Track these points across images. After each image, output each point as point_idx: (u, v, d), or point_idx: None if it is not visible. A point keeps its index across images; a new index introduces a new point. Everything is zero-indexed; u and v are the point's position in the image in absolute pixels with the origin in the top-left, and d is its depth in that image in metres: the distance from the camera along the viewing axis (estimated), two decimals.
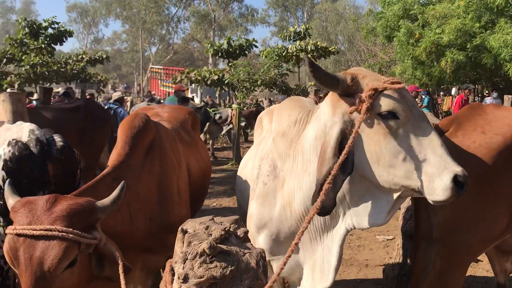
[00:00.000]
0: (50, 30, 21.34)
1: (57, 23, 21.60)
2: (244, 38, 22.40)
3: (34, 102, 11.18)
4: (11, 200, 1.91)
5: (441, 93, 21.80)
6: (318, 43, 22.75)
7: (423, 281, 2.59)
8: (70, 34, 22.29)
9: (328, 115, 2.11)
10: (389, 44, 18.89)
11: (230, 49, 21.70)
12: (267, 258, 2.50)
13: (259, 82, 17.95)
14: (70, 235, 1.76)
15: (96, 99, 15.77)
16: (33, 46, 20.03)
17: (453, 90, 18.56)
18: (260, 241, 2.51)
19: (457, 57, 15.21)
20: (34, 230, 1.75)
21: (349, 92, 2.02)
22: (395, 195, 2.03)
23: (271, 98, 24.88)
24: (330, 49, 22.77)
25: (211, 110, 12.78)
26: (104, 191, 2.06)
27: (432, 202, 1.94)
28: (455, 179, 1.86)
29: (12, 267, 1.81)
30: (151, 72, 34.86)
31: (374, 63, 20.26)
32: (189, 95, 20.45)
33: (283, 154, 2.35)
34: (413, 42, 16.06)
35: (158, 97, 24.78)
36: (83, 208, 1.87)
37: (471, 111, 2.63)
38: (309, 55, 22.56)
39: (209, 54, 25.92)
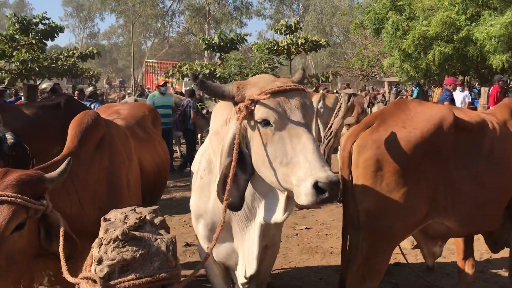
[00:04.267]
0: (40, 26, 21.48)
1: (48, 19, 21.72)
2: (235, 32, 22.50)
3: (23, 98, 11.36)
4: None
5: (432, 85, 22.01)
6: (309, 36, 22.87)
7: (353, 265, 2.81)
8: (61, 29, 22.39)
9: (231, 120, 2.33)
10: (378, 37, 19.00)
11: (222, 43, 21.85)
12: (206, 246, 2.73)
13: (250, 76, 18.08)
14: (19, 200, 1.99)
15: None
16: (24, 42, 20.17)
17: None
18: (199, 229, 2.72)
19: (443, 50, 15.37)
20: None
21: (238, 100, 2.18)
22: (285, 195, 2.19)
23: None
24: (320, 42, 22.91)
25: (198, 105, 12.96)
26: None
27: (300, 205, 2.04)
28: (316, 185, 1.93)
29: None
30: (146, 66, 34.91)
31: (363, 56, 20.41)
32: (183, 90, 20.57)
33: (216, 151, 2.55)
34: (401, 35, 16.21)
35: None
36: (31, 178, 2.11)
37: (395, 107, 2.83)
38: (300, 48, 22.77)
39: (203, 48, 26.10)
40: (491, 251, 3.57)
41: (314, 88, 19.11)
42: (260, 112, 2.10)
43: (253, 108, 2.11)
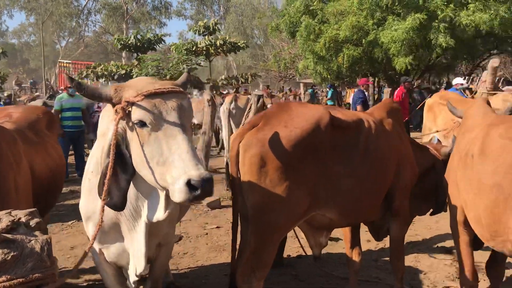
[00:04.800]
0: None
1: None
2: (153, 33, 22.19)
3: None
4: None
5: (346, 86, 23.11)
6: (228, 37, 23.09)
7: (243, 258, 2.96)
8: None
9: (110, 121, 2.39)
10: (294, 40, 19.62)
11: (138, 43, 21.45)
12: (97, 247, 2.75)
13: (168, 77, 17.91)
14: None
15: None
16: None
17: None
18: (89, 230, 2.74)
19: (352, 52, 16.22)
20: None
21: (116, 102, 2.26)
22: (164, 193, 2.28)
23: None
24: (239, 44, 23.20)
25: None
26: None
27: (177, 202, 2.15)
28: (189, 182, 2.02)
29: None
30: (60, 67, 33.35)
31: (280, 59, 20.96)
32: None
33: (102, 153, 2.58)
34: (314, 38, 16.87)
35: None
36: None
37: (279, 108, 3.02)
38: (219, 50, 22.92)
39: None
40: (375, 239, 3.89)
41: (235, 89, 19.33)
42: (136, 114, 2.17)
43: (130, 109, 2.18)
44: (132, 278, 2.70)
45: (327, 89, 20.03)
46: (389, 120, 3.50)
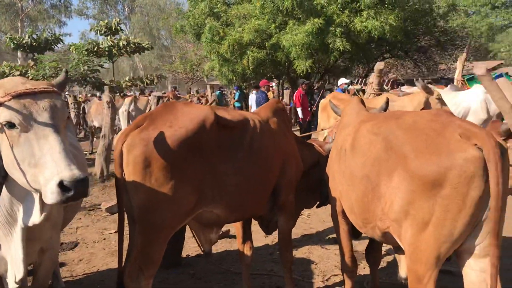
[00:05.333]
0: None
1: None
2: (50, 32, 21.03)
3: None
4: None
5: (252, 88, 23.50)
6: (132, 38, 22.53)
7: (131, 258, 2.95)
8: None
9: None
10: (199, 42, 19.63)
11: (34, 43, 20.23)
12: None
13: None
14: None
15: None
16: None
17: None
18: None
19: (256, 55, 16.58)
20: None
21: None
22: (38, 196, 2.24)
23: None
24: (144, 45, 22.74)
25: None
26: None
27: (49, 204, 2.13)
28: (61, 183, 2.01)
29: None
30: None
31: (186, 60, 20.88)
32: None
33: None
34: (218, 40, 17.02)
35: None
36: None
37: (164, 108, 3.06)
38: (122, 50, 22.28)
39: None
40: (265, 233, 4.06)
41: (140, 91, 18.91)
42: (3, 115, 2.11)
43: None
44: (12, 285, 2.59)
45: (234, 91, 20.31)
46: (274, 119, 3.68)
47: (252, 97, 13.01)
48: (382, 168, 2.72)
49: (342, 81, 13.69)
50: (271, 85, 15.91)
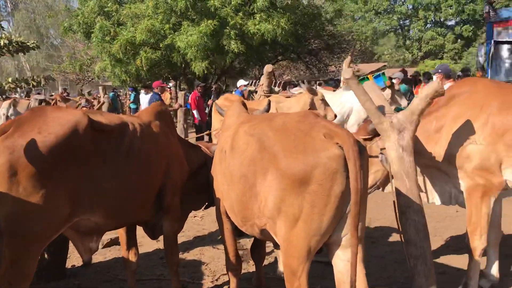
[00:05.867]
0: None
1: None
2: None
3: None
4: None
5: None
6: (14, 37, 20.88)
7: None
8: None
9: None
10: (90, 41, 18.79)
11: None
12: None
13: None
14: None
15: None
16: None
17: None
18: None
19: (150, 56, 16.30)
20: None
21: None
22: None
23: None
24: (28, 44, 21.18)
25: None
26: None
27: None
28: None
29: None
30: None
31: (75, 60, 19.88)
32: None
33: None
34: (109, 40, 16.44)
35: None
36: None
37: (32, 114, 2.90)
38: (4, 50, 20.56)
39: None
40: (150, 238, 4.01)
41: (26, 93, 17.60)
42: None
43: None
44: None
45: (130, 92, 19.71)
46: (156, 122, 3.64)
47: (144, 98, 12.70)
48: (257, 167, 2.82)
49: (241, 82, 13.90)
50: (167, 86, 15.68)
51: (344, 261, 2.72)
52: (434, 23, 41.09)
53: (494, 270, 4.03)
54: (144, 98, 12.61)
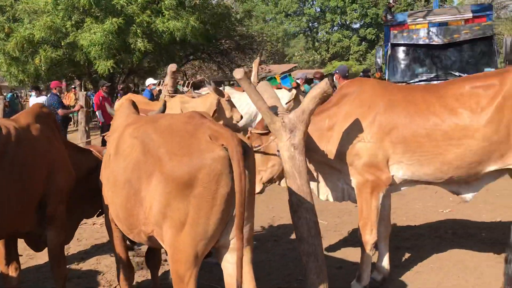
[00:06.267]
0: None
1: None
2: None
3: None
4: None
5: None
6: None
7: None
8: None
9: None
10: None
11: None
12: None
13: None
14: None
15: None
16: None
17: None
18: None
19: (50, 54, 15.36)
20: None
21: None
22: None
23: None
24: None
25: None
26: None
27: None
28: None
29: None
30: None
31: None
32: None
33: None
34: (4, 37, 15.27)
35: None
36: None
37: None
38: None
39: None
40: (34, 250, 3.72)
41: None
42: None
43: None
44: None
45: (30, 93, 18.48)
46: (36, 125, 3.37)
47: (35, 101, 11.84)
48: (141, 172, 2.69)
49: (150, 81, 13.45)
50: (63, 86, 14.86)
51: (232, 264, 2.67)
52: (341, 26, 43.05)
53: (385, 263, 4.20)
54: (36, 101, 11.75)
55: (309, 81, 11.02)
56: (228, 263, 2.70)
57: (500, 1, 22.55)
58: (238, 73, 3.40)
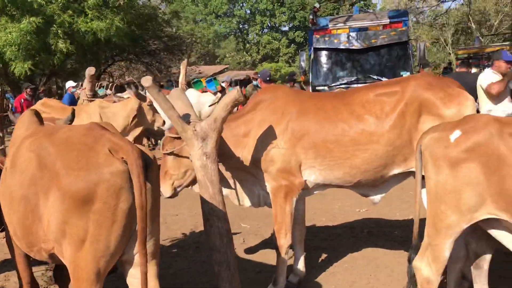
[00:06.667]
0: None
1: None
2: None
3: None
4: None
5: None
6: None
7: None
8: None
9: None
10: None
11: None
12: None
13: None
14: None
15: None
16: None
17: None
18: None
19: None
20: None
21: None
22: None
23: None
24: None
25: None
26: None
27: None
28: None
29: None
30: None
31: None
32: None
33: None
34: None
35: None
36: None
37: None
38: None
39: None
40: None
41: None
42: None
43: None
44: None
45: None
46: None
47: None
48: (38, 187, 2.56)
49: (69, 84, 12.88)
50: None
51: (138, 279, 2.59)
52: (270, 28, 43.67)
53: (301, 265, 4.29)
54: None
55: (246, 83, 11.04)
56: (133, 278, 2.64)
57: (417, 6, 23.86)
58: (146, 81, 3.33)
